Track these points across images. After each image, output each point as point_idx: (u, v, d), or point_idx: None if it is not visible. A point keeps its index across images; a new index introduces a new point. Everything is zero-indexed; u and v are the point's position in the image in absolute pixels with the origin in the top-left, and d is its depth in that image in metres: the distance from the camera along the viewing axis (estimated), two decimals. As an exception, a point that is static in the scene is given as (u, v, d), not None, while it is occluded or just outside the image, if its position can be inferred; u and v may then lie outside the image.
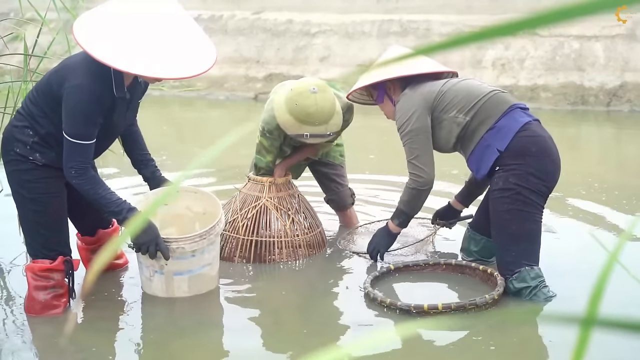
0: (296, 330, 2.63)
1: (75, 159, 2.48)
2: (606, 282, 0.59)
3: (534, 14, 0.48)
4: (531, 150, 2.74)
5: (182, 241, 2.71)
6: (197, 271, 2.81)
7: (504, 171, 2.75)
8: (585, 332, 0.58)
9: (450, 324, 1.90)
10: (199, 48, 2.45)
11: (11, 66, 4.00)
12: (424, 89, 2.89)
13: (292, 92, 3.04)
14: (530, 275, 2.74)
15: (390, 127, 3.26)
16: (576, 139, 6.82)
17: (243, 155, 3.88)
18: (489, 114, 2.80)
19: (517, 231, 2.74)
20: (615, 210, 4.06)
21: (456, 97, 2.84)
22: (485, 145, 2.79)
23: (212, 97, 9.79)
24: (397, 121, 2.92)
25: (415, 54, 0.53)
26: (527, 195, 2.72)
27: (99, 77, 2.46)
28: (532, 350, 2.43)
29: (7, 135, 2.61)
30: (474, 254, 3.17)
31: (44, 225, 2.62)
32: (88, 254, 3.06)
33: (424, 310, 2.59)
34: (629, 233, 0.70)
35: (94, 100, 2.45)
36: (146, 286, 2.88)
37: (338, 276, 3.13)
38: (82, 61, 2.48)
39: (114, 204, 2.54)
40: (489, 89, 2.88)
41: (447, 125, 2.86)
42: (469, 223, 3.25)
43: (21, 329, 2.57)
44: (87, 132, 2.48)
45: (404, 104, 2.89)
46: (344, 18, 9.79)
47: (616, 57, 8.28)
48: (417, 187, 2.90)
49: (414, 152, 2.87)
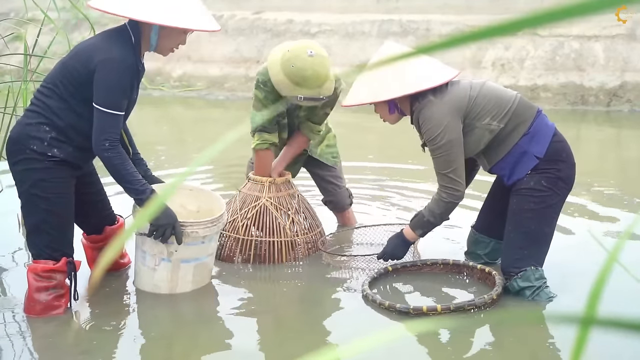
0: (295, 330, 2.63)
1: (108, 130, 2.53)
2: (605, 281, 0.59)
3: (535, 13, 0.48)
4: (562, 156, 2.78)
5: (196, 225, 2.77)
6: (202, 259, 2.87)
7: (536, 173, 2.75)
8: (584, 331, 0.58)
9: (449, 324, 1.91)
10: (207, 11, 2.68)
11: (11, 66, 4.00)
12: (452, 96, 2.75)
13: (289, 53, 3.02)
14: (535, 276, 2.75)
15: (390, 127, 3.26)
16: (576, 139, 6.81)
17: (241, 156, 3.88)
18: (522, 120, 2.76)
19: (534, 231, 2.76)
20: (615, 210, 4.07)
21: (488, 104, 2.75)
22: (522, 151, 2.76)
23: (212, 97, 9.79)
24: (428, 132, 2.74)
25: (415, 54, 0.53)
26: (554, 199, 2.75)
27: (127, 48, 2.57)
28: (532, 350, 2.42)
29: (19, 134, 2.59)
30: (483, 258, 3.14)
31: (53, 224, 2.62)
32: (94, 253, 3.06)
33: (423, 311, 2.59)
34: (629, 233, 0.70)
35: (128, 69, 2.55)
36: (146, 279, 2.86)
37: (338, 276, 3.13)
38: (104, 38, 2.59)
39: (138, 182, 2.60)
40: (512, 92, 2.84)
41: (478, 132, 2.76)
42: (472, 226, 3.21)
43: (21, 329, 2.57)
44: (121, 102, 2.56)
45: (435, 114, 2.72)
46: (344, 18, 9.79)
47: (616, 57, 8.28)
48: (453, 201, 2.79)
49: (450, 165, 2.74)
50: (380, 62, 0.57)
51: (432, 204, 2.84)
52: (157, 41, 2.64)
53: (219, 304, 2.85)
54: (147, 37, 2.64)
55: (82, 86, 2.54)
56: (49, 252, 2.64)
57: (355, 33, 9.55)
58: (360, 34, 9.53)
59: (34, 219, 2.63)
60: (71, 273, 2.69)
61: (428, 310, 2.59)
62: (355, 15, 9.80)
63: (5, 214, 3.85)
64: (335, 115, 3.48)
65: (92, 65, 2.51)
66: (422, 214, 2.88)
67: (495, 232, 3.08)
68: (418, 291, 2.96)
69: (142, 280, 2.90)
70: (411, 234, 2.95)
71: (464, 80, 2.85)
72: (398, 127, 3.22)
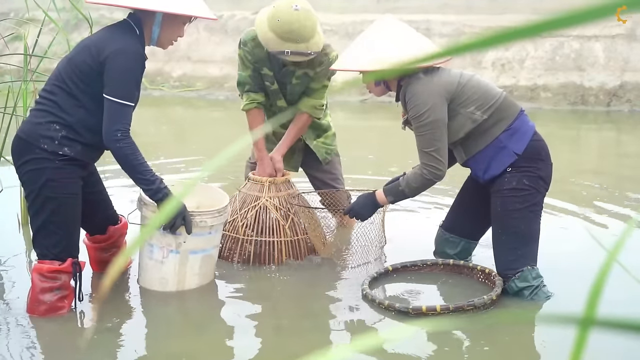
0: (295, 330, 2.63)
1: (120, 121, 2.54)
2: (604, 282, 0.59)
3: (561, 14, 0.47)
4: (541, 155, 2.80)
5: (204, 215, 2.80)
6: (209, 251, 2.91)
7: (517, 172, 2.76)
8: (583, 332, 0.58)
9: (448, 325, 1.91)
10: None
11: (11, 66, 4.00)
12: (442, 78, 2.77)
13: (275, 9, 3.07)
14: (532, 275, 2.76)
15: (390, 127, 3.25)
16: (576, 139, 6.82)
17: (241, 156, 3.88)
18: (505, 115, 2.79)
19: (525, 231, 2.77)
20: (615, 209, 4.07)
21: (475, 94, 2.78)
22: (501, 146, 2.78)
23: (212, 97, 9.79)
24: (414, 108, 2.75)
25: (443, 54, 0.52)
26: (537, 197, 2.77)
27: (136, 40, 2.60)
28: (531, 351, 2.42)
29: (28, 134, 2.57)
30: (452, 257, 3.15)
31: (59, 225, 2.61)
32: (97, 253, 3.06)
33: (422, 311, 2.59)
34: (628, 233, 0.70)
35: (139, 59, 2.58)
36: (152, 274, 2.86)
37: (338, 276, 3.13)
38: (110, 32, 2.61)
39: (149, 173, 2.60)
40: (498, 89, 2.89)
41: (460, 119, 2.78)
42: (441, 225, 3.22)
43: (24, 329, 2.57)
44: (132, 93, 2.57)
45: (424, 92, 2.74)
46: (344, 18, 9.79)
47: (616, 57, 8.28)
48: (432, 179, 2.80)
49: (434, 144, 2.75)
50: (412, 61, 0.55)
51: (411, 177, 2.84)
52: (159, 33, 2.67)
53: (218, 304, 2.85)
54: (149, 30, 2.66)
55: (93, 81, 2.55)
56: (55, 252, 2.63)
57: (355, 33, 9.55)
58: (360, 33, 9.53)
59: (42, 219, 2.60)
60: (76, 274, 2.69)
61: (427, 310, 2.59)
62: (355, 15, 9.80)
63: (5, 214, 3.85)
64: (335, 115, 3.48)
65: (103, 57, 2.52)
66: (399, 183, 2.90)
67: (465, 232, 3.10)
68: (418, 291, 2.96)
69: (147, 275, 2.90)
70: (382, 197, 2.95)
71: (455, 69, 2.89)
72: (397, 126, 3.22)
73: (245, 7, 10.57)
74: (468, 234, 3.11)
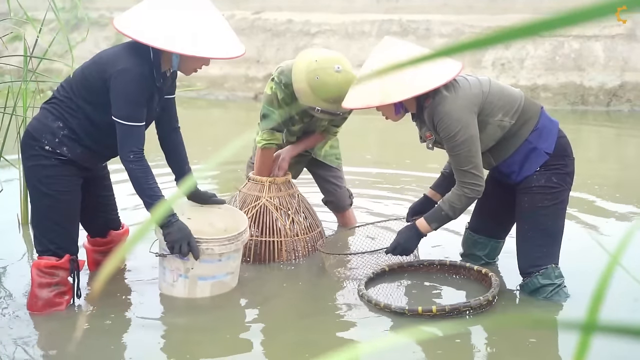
0: (295, 330, 2.62)
1: (132, 142, 2.55)
2: (607, 285, 0.58)
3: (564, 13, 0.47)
4: (567, 151, 2.81)
5: (212, 242, 2.75)
6: (220, 277, 2.84)
7: (546, 170, 2.76)
8: (585, 337, 0.58)
9: (444, 327, 1.91)
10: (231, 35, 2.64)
11: (11, 66, 4.00)
12: (466, 91, 2.68)
13: (316, 64, 3.00)
14: (555, 274, 2.77)
15: (390, 127, 3.25)
16: (576, 139, 6.81)
17: (241, 156, 3.88)
18: (529, 116, 2.77)
19: (552, 228, 2.77)
20: (617, 211, 4.06)
21: (500, 100, 2.73)
22: (531, 147, 2.75)
23: (212, 97, 9.79)
24: (446, 129, 2.65)
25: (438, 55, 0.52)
26: (564, 194, 2.78)
27: (143, 61, 2.57)
28: (529, 352, 2.42)
29: (34, 129, 2.64)
30: (482, 258, 3.14)
31: (56, 221, 2.65)
32: (96, 257, 3.09)
33: (418, 313, 2.58)
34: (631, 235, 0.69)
35: (142, 80, 2.55)
36: (166, 291, 2.87)
37: (338, 276, 3.12)
38: (121, 50, 2.60)
39: (157, 198, 2.60)
40: (516, 89, 2.86)
41: (490, 129, 2.73)
42: (467, 227, 3.20)
43: (23, 326, 2.57)
44: (138, 114, 2.56)
45: (453, 110, 2.64)
46: (344, 18, 9.79)
47: (616, 57, 8.28)
48: (475, 196, 2.74)
49: (471, 161, 2.67)
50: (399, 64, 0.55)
51: (454, 199, 2.74)
52: (179, 63, 2.64)
53: (218, 303, 2.85)
54: (168, 56, 2.63)
55: (95, 94, 2.57)
56: (53, 248, 2.67)
57: (355, 33, 9.55)
58: (360, 34, 9.53)
59: (39, 214, 2.67)
60: (74, 271, 2.71)
61: (423, 311, 2.57)
62: (355, 15, 9.80)
63: (5, 214, 3.85)
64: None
65: (106, 76, 2.53)
66: (440, 207, 2.79)
67: (493, 232, 3.09)
68: (414, 291, 2.96)
69: (163, 290, 2.89)
70: (426, 226, 2.83)
71: (468, 76, 2.79)
72: (397, 126, 3.21)
73: (245, 7, 10.57)
74: (495, 234, 3.09)
